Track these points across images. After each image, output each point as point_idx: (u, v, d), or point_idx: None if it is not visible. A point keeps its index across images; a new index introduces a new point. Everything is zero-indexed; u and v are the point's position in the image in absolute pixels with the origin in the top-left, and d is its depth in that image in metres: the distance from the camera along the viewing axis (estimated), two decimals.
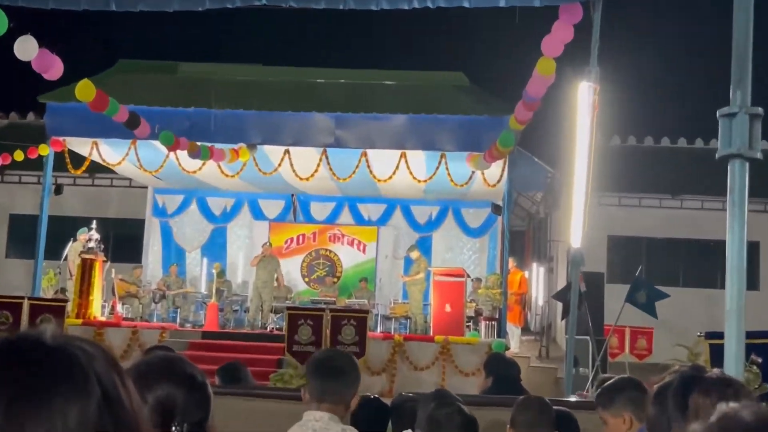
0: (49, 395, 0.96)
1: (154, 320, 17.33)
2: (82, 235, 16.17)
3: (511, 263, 16.18)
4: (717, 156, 4.16)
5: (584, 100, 10.31)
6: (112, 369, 1.04)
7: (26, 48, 9.48)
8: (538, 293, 22.96)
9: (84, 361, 1.01)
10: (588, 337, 12.09)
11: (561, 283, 17.82)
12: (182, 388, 2.19)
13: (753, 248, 18.87)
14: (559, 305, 14.93)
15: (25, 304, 14.05)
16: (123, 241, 20.78)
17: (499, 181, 15.29)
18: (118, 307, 16.60)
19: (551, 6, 9.39)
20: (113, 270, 16.84)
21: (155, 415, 2.07)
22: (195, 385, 2.73)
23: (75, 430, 0.95)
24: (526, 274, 19.82)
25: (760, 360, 8.13)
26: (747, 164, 4.08)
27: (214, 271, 17.81)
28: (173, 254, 20.25)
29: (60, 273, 16.97)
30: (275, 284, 17.86)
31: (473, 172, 15.18)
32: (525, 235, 25.56)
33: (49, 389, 0.96)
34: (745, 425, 1.11)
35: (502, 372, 6.07)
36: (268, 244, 17.85)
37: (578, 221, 10.26)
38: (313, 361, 3.57)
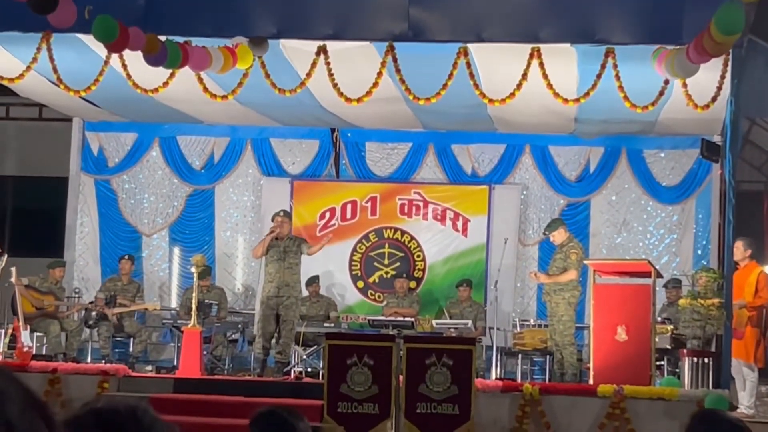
0: None
1: (89, 359, 17.65)
2: None
3: (742, 250, 15.98)
4: None
5: None
6: (30, 411, 1.16)
7: None
8: None
9: None
10: None
11: None
12: None
13: None
14: None
15: None
16: (30, 218, 21.10)
17: (714, 101, 15.14)
18: (23, 336, 16.87)
19: None
20: (13, 270, 17.17)
21: None
22: None
23: None
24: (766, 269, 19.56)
25: None
26: None
27: (193, 269, 17.94)
28: (120, 240, 20.64)
29: None
30: (307, 289, 18.09)
31: (666, 83, 15.03)
32: (765, 197, 25.23)
33: None
34: None
35: None
36: (282, 213, 17.90)
37: None
38: None
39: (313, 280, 18.73)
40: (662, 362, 16.22)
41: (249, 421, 5.90)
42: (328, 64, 15.36)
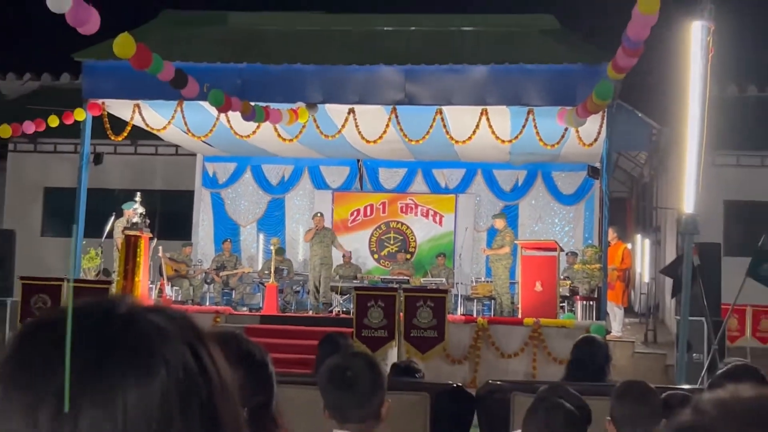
0: (108, 374, 0.98)
1: (207, 303, 17.68)
2: (129, 210, 16.28)
3: (612, 234, 15.96)
4: None
5: (697, 43, 10.04)
6: (188, 350, 1.05)
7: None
8: (643, 269, 22.64)
9: (152, 338, 1.03)
10: (703, 318, 11.87)
11: (670, 257, 17.52)
12: (238, 368, 2.15)
13: None
14: (669, 282, 14.70)
15: (65, 286, 14.32)
16: (170, 216, 21.07)
17: (595, 140, 15.05)
18: (167, 289, 16.92)
19: None
20: (160, 248, 17.13)
21: None
22: (253, 363, 2.70)
23: (135, 414, 0.97)
24: (629, 246, 19.51)
25: None
26: None
27: (272, 247, 17.96)
28: (226, 229, 20.53)
29: (102, 252, 17.23)
30: (343, 259, 18.17)
31: (566, 130, 14.96)
32: (627, 202, 25.25)
33: (109, 367, 0.99)
34: (745, 402, 1.06)
35: (584, 356, 6.05)
36: (319, 214, 18.00)
37: (691, 184, 10.06)
38: (324, 373, 3.39)
39: (347, 254, 18.70)
40: (564, 304, 16.27)
41: (317, 342, 6.07)
42: (355, 119, 15.34)
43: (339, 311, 16.64)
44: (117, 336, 1.03)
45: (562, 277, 16.40)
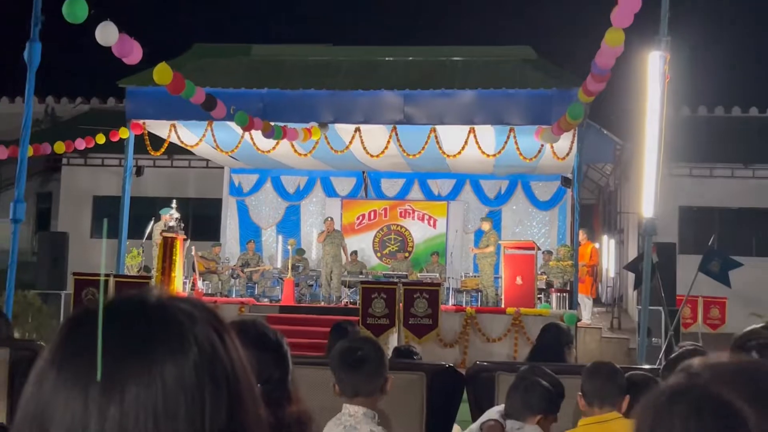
0: (147, 352, 0.99)
1: (233, 296, 17.67)
2: (166, 215, 16.43)
3: (582, 235, 15.98)
4: None
5: (655, 70, 10.13)
6: (212, 331, 1.06)
7: (107, 34, 9.62)
8: (608, 265, 22.67)
9: (183, 322, 1.04)
10: (660, 308, 11.93)
11: (631, 255, 17.61)
12: (253, 349, 2.17)
13: None
14: (631, 276, 14.79)
15: (111, 281, 14.45)
16: (202, 220, 21.20)
17: (568, 154, 15.12)
18: (199, 283, 16.99)
19: None
20: (193, 248, 17.22)
21: None
22: (269, 344, 2.79)
23: (173, 386, 0.98)
24: (597, 246, 19.55)
25: None
26: None
27: (289, 247, 18.05)
28: (250, 232, 20.55)
29: (143, 251, 17.40)
30: (351, 257, 18.20)
31: (542, 146, 15.01)
32: (594, 207, 25.22)
33: (148, 347, 1.00)
34: (731, 367, 1.14)
35: (550, 339, 6.02)
36: (330, 219, 18.08)
37: (650, 192, 10.10)
38: (335, 355, 3.41)
39: (354, 252, 18.67)
40: (540, 295, 16.21)
41: (329, 329, 6.12)
42: (360, 137, 15.39)
43: (347, 302, 16.62)
44: (152, 320, 1.03)
45: (539, 272, 16.30)
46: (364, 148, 15.72)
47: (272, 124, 14.33)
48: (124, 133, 15.87)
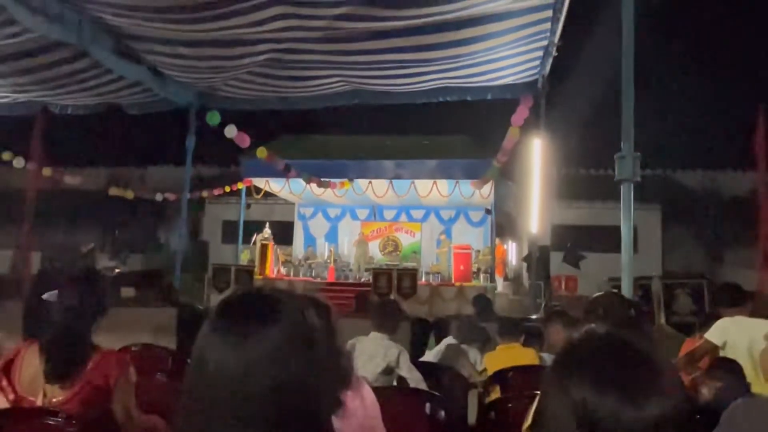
0: (260, 320, 0.95)
1: (300, 275, 17.50)
2: (261, 234, 16.33)
3: (498, 242, 15.89)
4: (615, 179, 4.29)
5: (536, 148, 10.20)
6: (300, 308, 0.99)
7: (230, 131, 9.76)
8: (512, 258, 22.48)
9: (283, 300, 0.99)
10: (541, 282, 11.83)
11: (525, 252, 17.40)
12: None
13: (634, 230, 18.16)
14: (524, 264, 14.63)
15: (232, 270, 14.42)
16: (282, 234, 21.01)
17: (488, 196, 15.06)
18: (281, 269, 16.82)
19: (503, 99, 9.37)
20: (277, 249, 17.07)
21: None
22: (321, 307, 2.65)
23: (275, 340, 0.94)
24: (505, 247, 19.40)
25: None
26: (632, 185, 4.35)
27: (331, 250, 17.87)
28: (309, 240, 20.29)
29: (250, 252, 17.29)
30: (367, 256, 17.98)
31: (474, 191, 15.00)
32: (504, 226, 25.00)
33: (260, 317, 0.96)
34: (598, 336, 1.02)
35: (479, 301, 5.96)
36: (360, 233, 17.88)
37: (535, 217, 10.16)
38: (373, 306, 3.56)
39: (368, 252, 18.52)
40: (475, 275, 16.08)
41: (354, 296, 5.91)
42: (372, 186, 15.24)
43: (366, 280, 16.42)
44: (264, 300, 0.99)
45: (473, 262, 16.33)
46: (374, 192, 15.65)
47: (322, 179, 14.29)
48: (240, 185, 15.86)
